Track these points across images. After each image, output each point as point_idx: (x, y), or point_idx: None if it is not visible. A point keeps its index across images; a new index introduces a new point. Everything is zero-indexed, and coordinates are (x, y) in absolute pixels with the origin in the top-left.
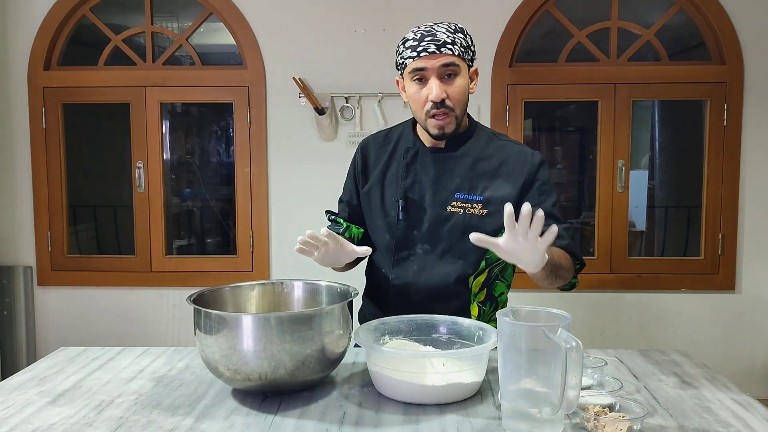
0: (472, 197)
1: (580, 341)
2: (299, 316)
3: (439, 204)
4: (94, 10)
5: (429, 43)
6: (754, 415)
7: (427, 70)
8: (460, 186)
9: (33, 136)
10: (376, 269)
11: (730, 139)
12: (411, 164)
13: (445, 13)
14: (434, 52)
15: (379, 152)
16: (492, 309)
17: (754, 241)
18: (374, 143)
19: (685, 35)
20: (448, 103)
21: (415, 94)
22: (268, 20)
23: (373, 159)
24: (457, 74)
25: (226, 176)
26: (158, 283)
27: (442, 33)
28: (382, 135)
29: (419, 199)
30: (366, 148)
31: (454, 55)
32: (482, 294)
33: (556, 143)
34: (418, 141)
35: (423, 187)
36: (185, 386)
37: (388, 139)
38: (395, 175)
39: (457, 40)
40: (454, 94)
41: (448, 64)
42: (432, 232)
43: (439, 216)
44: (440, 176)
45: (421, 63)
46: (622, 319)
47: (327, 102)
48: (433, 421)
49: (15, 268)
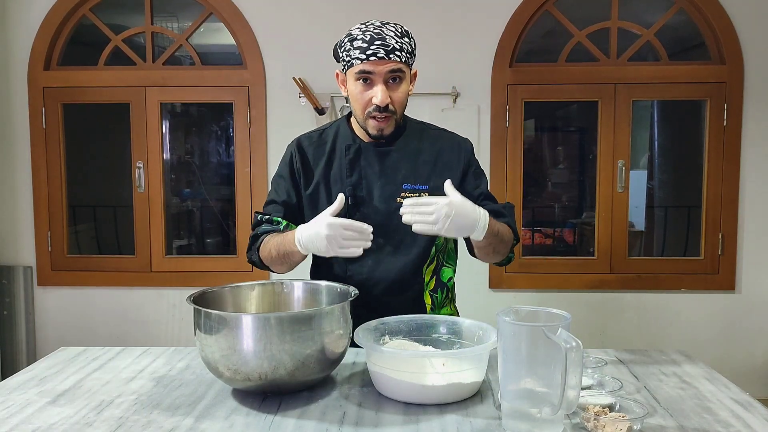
0: (418, 186)
1: (580, 341)
2: (299, 316)
3: (387, 197)
4: (94, 10)
5: (379, 47)
6: (754, 415)
7: (375, 74)
8: (406, 177)
9: (33, 136)
10: (323, 269)
11: (730, 139)
12: (355, 161)
13: (445, 14)
14: (383, 58)
15: (316, 152)
16: (444, 296)
17: (754, 241)
18: (309, 143)
19: (685, 35)
20: (391, 108)
21: (359, 95)
22: (268, 20)
23: (311, 159)
24: (402, 80)
25: (226, 176)
26: (158, 283)
27: (391, 38)
28: (317, 134)
29: (367, 195)
30: (301, 148)
31: (401, 61)
32: (432, 282)
33: (557, 143)
34: (357, 138)
35: (370, 182)
36: (185, 386)
37: (323, 139)
38: (339, 174)
39: (404, 46)
40: (398, 99)
41: (395, 70)
42: (384, 226)
43: (389, 209)
44: (385, 170)
45: (369, 66)
46: (622, 319)
47: (327, 102)
48: (433, 421)
49: (15, 268)
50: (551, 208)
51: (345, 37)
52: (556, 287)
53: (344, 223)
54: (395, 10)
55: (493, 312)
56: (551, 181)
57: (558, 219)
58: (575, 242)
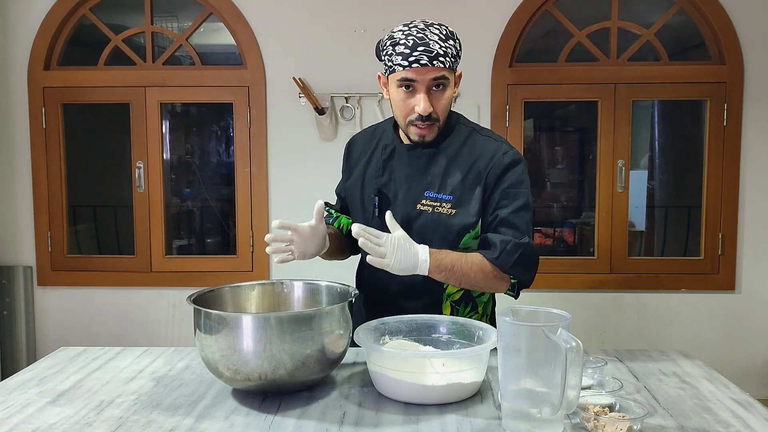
0: (442, 196)
1: (580, 341)
2: (299, 316)
3: (410, 202)
4: (94, 10)
5: (422, 53)
6: (754, 415)
7: (417, 82)
8: (430, 184)
9: (33, 136)
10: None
11: (730, 139)
12: (388, 161)
13: (445, 13)
14: (426, 65)
15: (364, 148)
16: (469, 311)
17: (754, 241)
18: (362, 139)
19: (685, 35)
20: (434, 116)
21: (401, 102)
22: (268, 20)
23: (357, 155)
24: (446, 86)
25: (226, 176)
26: (158, 283)
27: (435, 42)
28: (371, 130)
29: (392, 197)
30: (353, 143)
31: (445, 67)
32: (458, 294)
33: (556, 143)
34: (396, 138)
35: (397, 184)
36: (185, 386)
37: (374, 135)
38: (374, 172)
39: (449, 50)
40: (441, 106)
41: (438, 78)
42: (404, 230)
43: (409, 214)
44: (412, 174)
45: (412, 74)
46: (622, 319)
47: (327, 102)
48: (433, 421)
49: (15, 268)
50: (551, 208)
51: (387, 39)
52: (556, 287)
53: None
54: (395, 10)
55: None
56: (551, 181)
57: (558, 219)
58: (575, 242)
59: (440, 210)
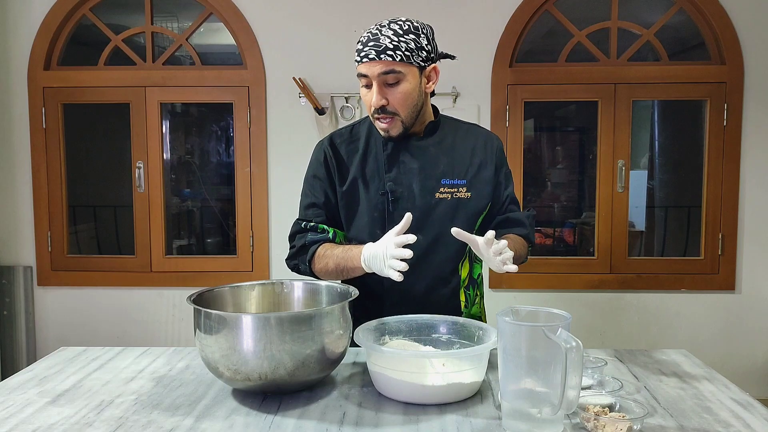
0: (457, 181)
1: (580, 341)
2: (299, 316)
3: (427, 192)
4: (94, 10)
5: (370, 49)
6: (754, 415)
7: (368, 76)
8: (445, 172)
9: (33, 136)
10: None
11: (730, 139)
12: (393, 156)
13: (445, 14)
14: (374, 59)
15: (349, 148)
16: (474, 293)
17: (754, 241)
18: (341, 140)
19: (685, 35)
20: (389, 109)
21: (363, 97)
22: (268, 20)
23: (345, 155)
24: (400, 80)
25: (226, 176)
26: (158, 283)
27: (386, 37)
28: (347, 131)
29: (407, 190)
30: (334, 145)
31: (395, 61)
32: (467, 279)
33: (556, 143)
34: None
35: (409, 177)
36: (185, 386)
37: (355, 135)
38: (375, 169)
39: (402, 44)
40: (395, 100)
41: (387, 72)
42: (422, 221)
43: (429, 204)
44: (424, 165)
45: (363, 69)
46: (622, 319)
47: (327, 102)
48: (433, 421)
49: (15, 268)
50: (551, 208)
51: None
52: (556, 287)
53: (398, 240)
54: (395, 10)
55: (493, 312)
56: (551, 181)
57: (558, 219)
58: (575, 242)
59: (458, 195)
